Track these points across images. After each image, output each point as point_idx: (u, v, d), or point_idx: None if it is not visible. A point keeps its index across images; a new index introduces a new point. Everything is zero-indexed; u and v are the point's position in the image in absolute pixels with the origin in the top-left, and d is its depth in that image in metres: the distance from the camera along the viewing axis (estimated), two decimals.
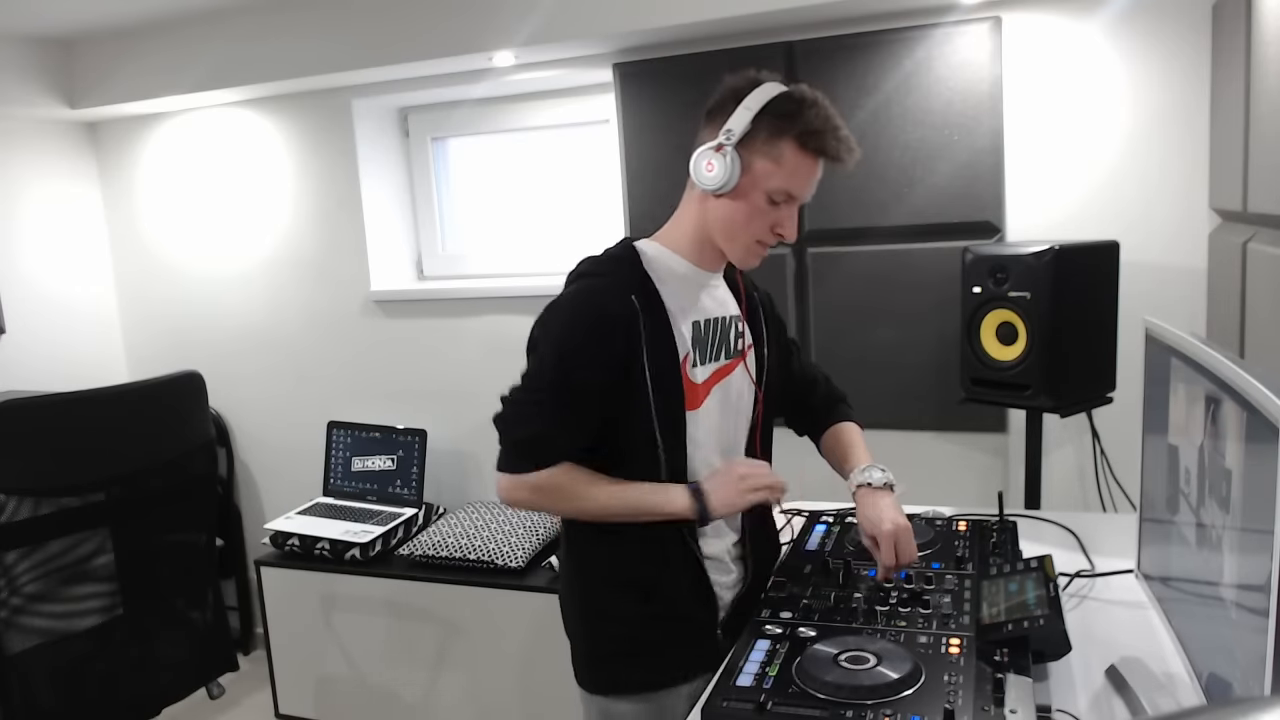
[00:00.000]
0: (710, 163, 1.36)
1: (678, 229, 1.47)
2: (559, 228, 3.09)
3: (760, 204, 1.37)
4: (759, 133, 1.35)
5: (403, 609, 2.82)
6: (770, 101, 1.35)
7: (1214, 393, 1.10)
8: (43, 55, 3.14)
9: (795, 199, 1.39)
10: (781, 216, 1.40)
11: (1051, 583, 1.31)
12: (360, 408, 3.25)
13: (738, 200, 1.38)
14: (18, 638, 1.98)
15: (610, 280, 1.40)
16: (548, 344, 1.38)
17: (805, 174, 1.38)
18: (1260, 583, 0.92)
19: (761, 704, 1.10)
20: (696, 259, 1.46)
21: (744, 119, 1.35)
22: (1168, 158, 2.22)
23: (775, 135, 1.35)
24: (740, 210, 1.38)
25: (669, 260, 1.45)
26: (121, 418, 2.12)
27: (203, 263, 3.45)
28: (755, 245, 1.43)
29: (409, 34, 2.69)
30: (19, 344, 3.31)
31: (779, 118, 1.35)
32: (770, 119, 1.35)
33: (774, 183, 1.36)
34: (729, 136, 1.35)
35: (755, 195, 1.37)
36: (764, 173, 1.36)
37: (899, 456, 2.56)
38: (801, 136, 1.34)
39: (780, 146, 1.35)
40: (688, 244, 1.45)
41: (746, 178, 1.36)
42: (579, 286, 1.42)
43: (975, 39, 2.30)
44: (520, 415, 1.39)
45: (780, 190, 1.37)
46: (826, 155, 1.37)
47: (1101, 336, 2.09)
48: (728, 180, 1.35)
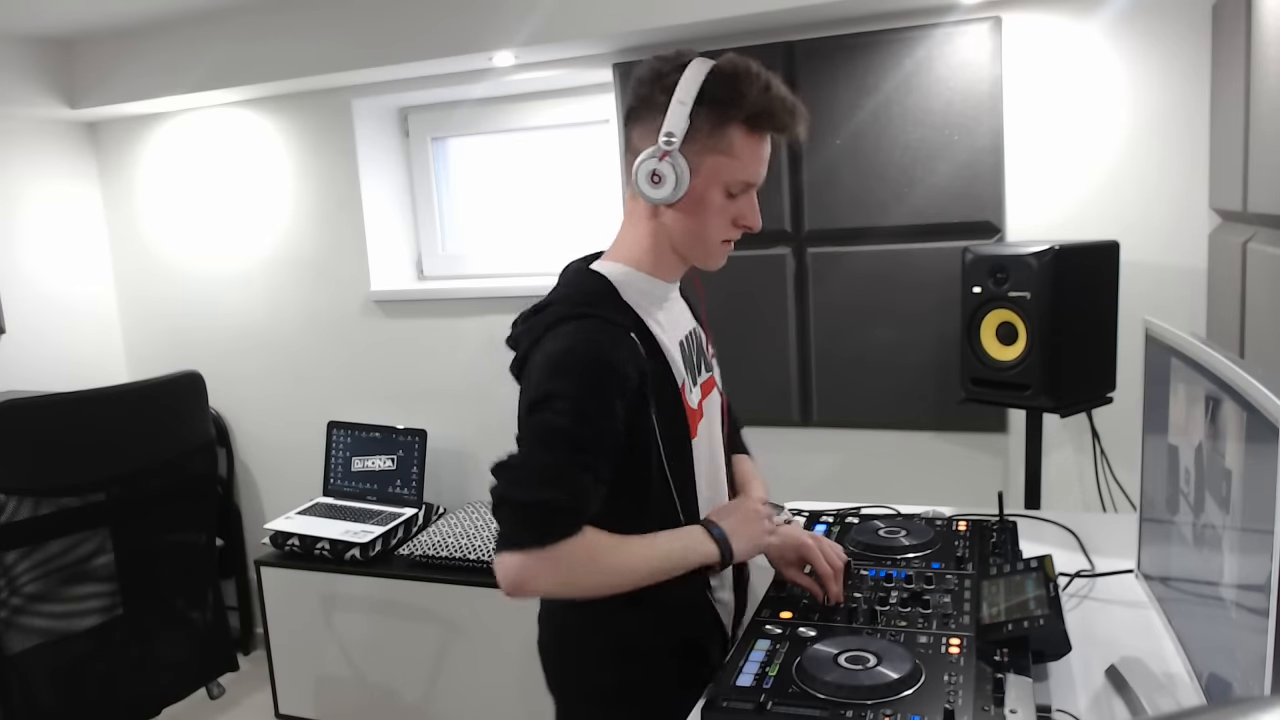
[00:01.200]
0: (656, 173, 1.21)
1: (633, 244, 1.32)
2: (559, 228, 3.09)
3: (718, 202, 1.25)
4: (701, 126, 1.21)
5: (403, 609, 2.82)
6: (704, 87, 1.20)
7: (1214, 393, 1.10)
8: (43, 55, 3.14)
9: (754, 185, 1.27)
10: (742, 207, 1.27)
11: (1051, 583, 1.31)
12: (360, 408, 3.25)
13: (694, 205, 1.25)
14: (18, 638, 1.98)
15: (604, 322, 1.24)
16: (563, 400, 1.17)
17: (759, 157, 1.25)
18: (1260, 583, 0.92)
19: (761, 704, 1.10)
20: (659, 273, 1.32)
21: (681, 115, 1.20)
22: (1168, 158, 2.22)
23: (720, 124, 1.21)
24: (699, 215, 1.26)
25: (638, 282, 1.31)
26: (121, 418, 2.12)
27: (203, 263, 3.45)
28: (721, 246, 1.30)
29: (409, 34, 2.68)
30: (19, 344, 3.31)
31: (719, 104, 1.21)
32: (709, 108, 1.21)
33: (730, 175, 1.24)
34: (670, 140, 1.20)
35: (712, 195, 1.24)
36: (716, 169, 1.23)
37: (899, 456, 2.57)
38: (750, 120, 1.22)
39: (728, 135, 1.22)
40: (648, 259, 1.31)
41: (698, 180, 1.23)
42: (578, 333, 1.22)
43: (975, 39, 2.30)
44: (538, 477, 1.17)
45: (738, 182, 1.25)
46: (780, 131, 1.24)
47: (1101, 336, 2.09)
48: (678, 189, 1.22)
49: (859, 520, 1.72)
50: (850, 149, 2.44)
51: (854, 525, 1.69)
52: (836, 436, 2.63)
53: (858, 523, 1.70)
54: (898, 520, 1.69)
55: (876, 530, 1.64)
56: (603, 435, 1.19)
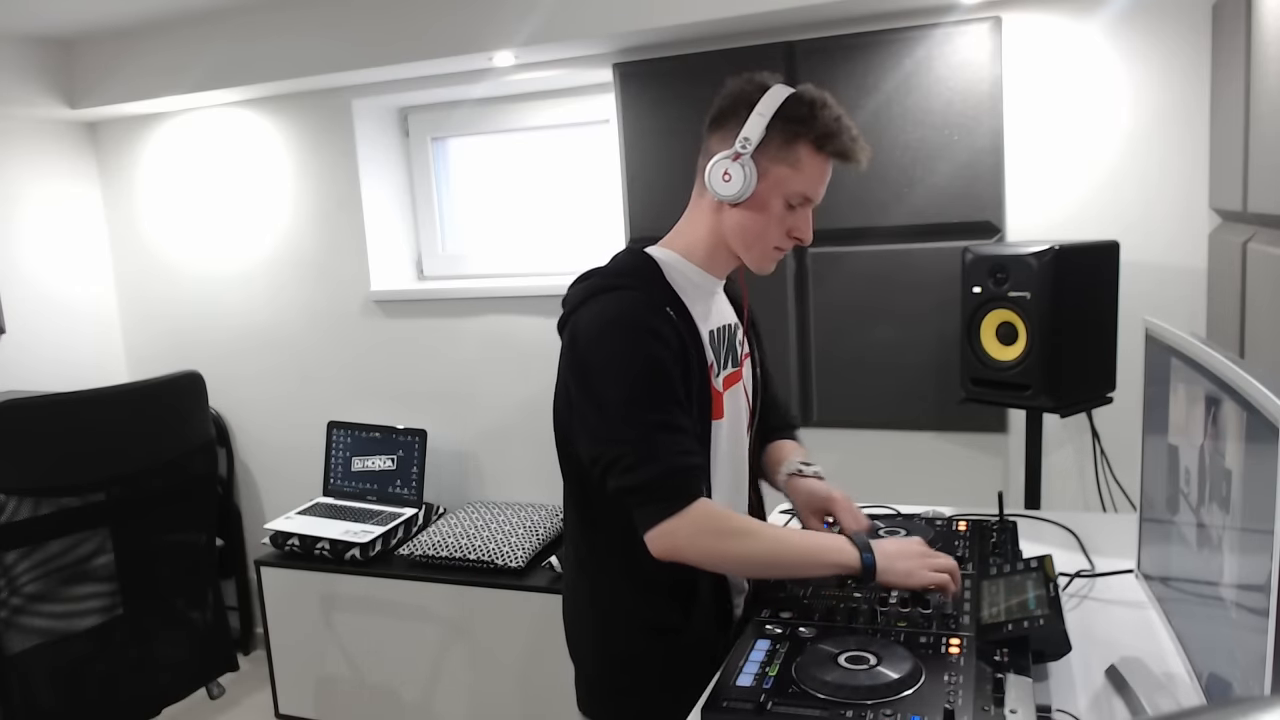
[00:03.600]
0: (728, 172, 1.34)
1: (690, 236, 1.44)
2: (559, 228, 3.09)
3: (778, 210, 1.37)
4: (774, 138, 1.34)
5: (403, 609, 2.82)
6: (782, 105, 1.34)
7: (1214, 393, 1.10)
8: (43, 55, 3.14)
9: (811, 201, 1.39)
10: (798, 220, 1.39)
11: (1051, 583, 1.31)
12: (360, 408, 3.25)
13: (755, 208, 1.36)
14: (18, 638, 1.98)
15: (644, 294, 1.36)
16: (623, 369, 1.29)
17: (821, 176, 1.38)
18: (1260, 583, 0.92)
19: (761, 704, 1.10)
20: (709, 267, 1.44)
21: (758, 125, 1.33)
22: (1168, 158, 2.22)
23: (791, 140, 1.34)
24: (758, 218, 1.37)
25: (685, 269, 1.42)
26: (122, 418, 2.12)
27: (203, 263, 3.45)
28: (773, 251, 1.41)
29: (409, 34, 2.69)
30: (19, 344, 3.31)
31: (793, 122, 1.34)
32: (784, 124, 1.33)
33: (792, 187, 1.35)
34: (745, 145, 1.33)
35: (773, 202, 1.36)
36: (781, 178, 1.35)
37: (899, 456, 2.57)
38: (818, 140, 1.34)
39: (797, 151, 1.34)
40: (701, 252, 1.43)
41: (763, 184, 1.35)
42: (617, 302, 1.34)
43: (975, 39, 2.30)
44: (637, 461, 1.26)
45: (798, 194, 1.36)
46: (843, 157, 1.36)
47: (1101, 336, 2.09)
48: (745, 189, 1.34)
49: None
50: None
51: None
52: (836, 436, 2.63)
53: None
54: (898, 520, 1.69)
55: (876, 530, 1.64)
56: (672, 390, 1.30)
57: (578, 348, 1.34)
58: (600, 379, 1.31)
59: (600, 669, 1.47)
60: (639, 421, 1.28)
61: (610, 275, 1.41)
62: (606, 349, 1.31)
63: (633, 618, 1.41)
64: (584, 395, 1.32)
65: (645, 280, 1.39)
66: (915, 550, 1.35)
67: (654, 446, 1.27)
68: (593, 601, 1.46)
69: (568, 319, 1.40)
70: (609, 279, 1.39)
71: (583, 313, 1.36)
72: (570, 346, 1.36)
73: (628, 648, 1.43)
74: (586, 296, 1.38)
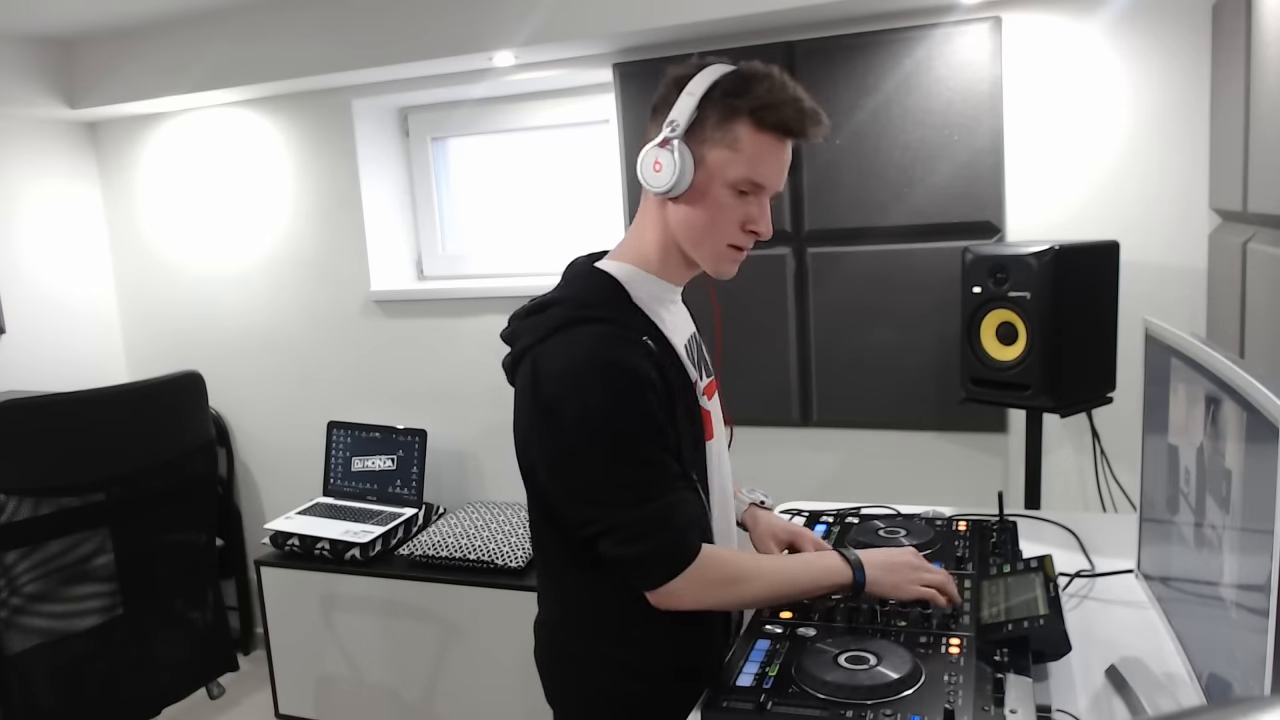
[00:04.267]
0: (657, 162, 1.21)
1: (640, 242, 1.30)
2: (559, 228, 3.09)
3: (725, 199, 1.22)
4: (708, 118, 1.20)
5: (403, 609, 2.82)
6: (716, 82, 1.20)
7: (1214, 393, 1.10)
8: (43, 55, 3.14)
9: (764, 188, 1.23)
10: (751, 211, 1.24)
11: (1051, 583, 1.31)
12: (360, 408, 3.25)
13: (698, 200, 1.22)
14: (18, 638, 1.98)
15: (617, 328, 1.21)
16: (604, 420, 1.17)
17: (769, 156, 1.21)
18: (1260, 583, 0.92)
19: (761, 704, 1.10)
20: (666, 274, 1.30)
21: (688, 106, 1.19)
22: (1168, 158, 2.22)
23: (727, 117, 1.19)
24: (703, 211, 1.23)
25: (644, 282, 1.29)
26: (121, 418, 2.12)
27: (203, 263, 3.45)
28: (728, 250, 1.26)
29: (409, 34, 2.68)
30: (19, 344, 3.31)
31: (728, 96, 1.19)
32: (719, 101, 1.19)
33: (734, 172, 1.20)
34: (673, 128, 1.19)
35: (717, 190, 1.21)
36: (721, 162, 1.20)
37: (899, 456, 2.57)
38: (756, 113, 1.19)
39: (734, 129, 1.19)
40: (655, 259, 1.29)
41: (702, 172, 1.21)
42: (588, 340, 1.20)
43: (975, 39, 2.30)
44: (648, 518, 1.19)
45: (744, 179, 1.21)
46: (788, 130, 1.21)
47: (1101, 336, 2.09)
48: (679, 178, 1.20)
49: (859, 520, 1.72)
50: (850, 149, 2.44)
51: (854, 525, 1.69)
52: (836, 436, 2.63)
53: (858, 523, 1.70)
54: (898, 520, 1.69)
55: (876, 530, 1.64)
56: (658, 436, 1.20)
57: (543, 393, 1.19)
58: (580, 434, 1.18)
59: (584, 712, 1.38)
60: (632, 484, 1.19)
61: (575, 305, 1.24)
62: (584, 398, 1.17)
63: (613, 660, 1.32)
64: (563, 451, 1.20)
65: (615, 308, 1.24)
66: (905, 562, 1.33)
67: (652, 513, 1.19)
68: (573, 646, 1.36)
69: (524, 355, 1.24)
70: (574, 310, 1.23)
71: (546, 351, 1.21)
72: (533, 390, 1.21)
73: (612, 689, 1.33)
74: (550, 330, 1.22)
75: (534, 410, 1.22)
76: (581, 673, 1.35)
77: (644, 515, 1.19)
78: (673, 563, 1.20)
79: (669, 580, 1.20)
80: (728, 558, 1.27)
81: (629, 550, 1.20)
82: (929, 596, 1.29)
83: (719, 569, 1.24)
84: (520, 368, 1.26)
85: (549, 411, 1.20)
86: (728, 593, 1.26)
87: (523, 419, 1.26)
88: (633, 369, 1.18)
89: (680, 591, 1.21)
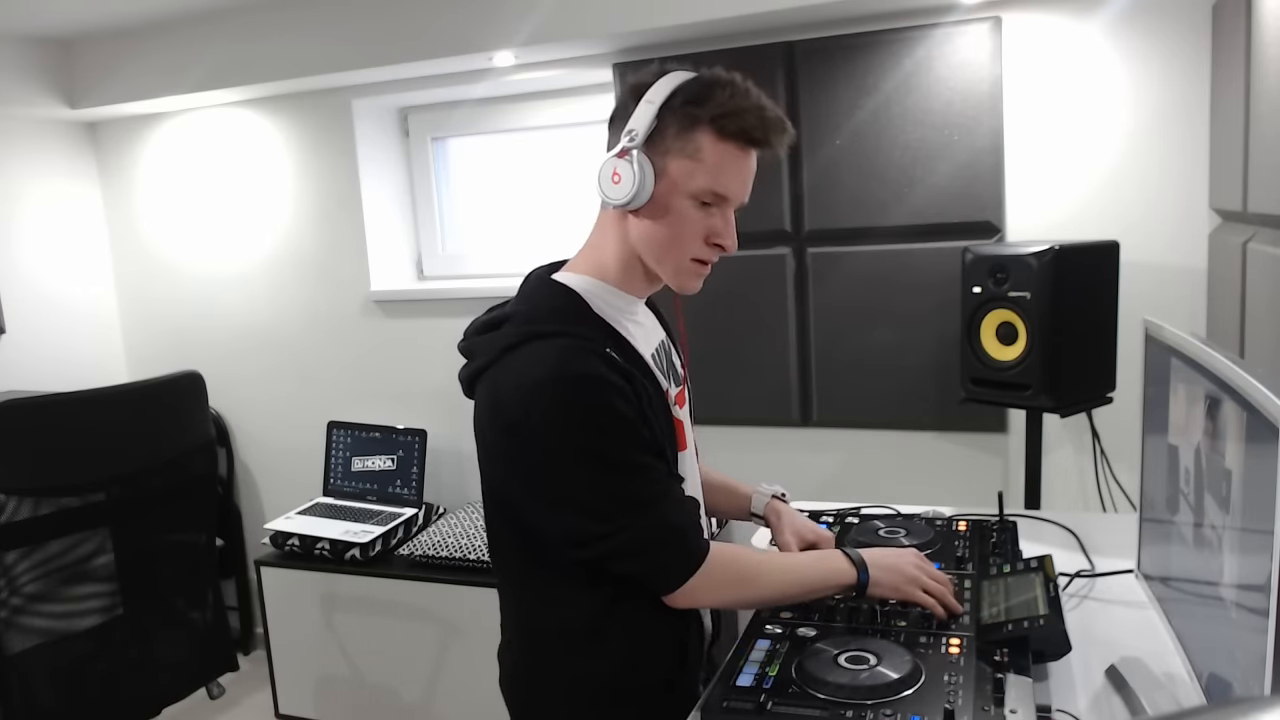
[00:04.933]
0: (615, 172, 1.16)
1: (599, 255, 1.26)
2: (559, 228, 3.09)
3: (687, 211, 1.18)
4: (668, 127, 1.16)
5: (403, 609, 2.82)
6: (676, 89, 1.16)
7: (1214, 393, 1.10)
8: (43, 55, 3.14)
9: (727, 199, 1.19)
10: (715, 224, 1.19)
11: (1051, 583, 1.31)
12: (360, 408, 3.25)
13: (659, 213, 1.18)
14: (18, 638, 1.98)
15: (575, 339, 1.17)
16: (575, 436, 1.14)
17: (732, 166, 1.17)
18: (1260, 583, 0.92)
19: (761, 704, 1.10)
20: (627, 286, 1.26)
21: (647, 114, 1.15)
22: (1168, 158, 2.22)
23: (687, 126, 1.15)
24: (665, 224, 1.18)
25: (605, 294, 1.24)
26: (121, 418, 2.12)
27: (203, 263, 3.45)
28: (692, 264, 1.22)
29: (409, 34, 2.68)
30: (19, 344, 3.31)
31: (688, 104, 1.15)
32: (679, 109, 1.15)
33: (696, 182, 1.16)
34: (632, 137, 1.15)
35: (678, 202, 1.17)
36: (682, 173, 1.16)
37: (899, 456, 2.57)
38: (717, 121, 1.14)
39: (695, 138, 1.15)
40: (615, 272, 1.25)
41: (663, 183, 1.17)
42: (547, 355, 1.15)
43: (975, 39, 2.30)
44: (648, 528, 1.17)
45: (706, 190, 1.17)
46: (750, 139, 1.17)
47: (1101, 336, 2.09)
48: (638, 189, 1.15)
49: (859, 520, 1.72)
50: (850, 149, 2.44)
51: (854, 525, 1.69)
52: (836, 436, 2.63)
53: (858, 523, 1.70)
54: (898, 520, 1.69)
55: (876, 530, 1.64)
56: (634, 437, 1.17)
57: (507, 411, 1.16)
58: (557, 450, 1.14)
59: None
60: (623, 495, 1.16)
61: (530, 321, 1.20)
62: (553, 414, 1.13)
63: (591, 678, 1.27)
64: (539, 468, 1.16)
65: (573, 320, 1.20)
66: (908, 564, 1.33)
67: (652, 522, 1.17)
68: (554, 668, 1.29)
69: (480, 374, 1.23)
70: (530, 326, 1.19)
71: (503, 370, 1.18)
72: (493, 409, 1.18)
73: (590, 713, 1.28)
74: (505, 347, 1.19)
75: (498, 429, 1.19)
76: (555, 698, 1.29)
77: (645, 525, 1.17)
78: (686, 566, 1.20)
79: (686, 580, 1.20)
80: (738, 555, 1.27)
81: (638, 563, 1.18)
82: (927, 605, 1.30)
83: (732, 568, 1.25)
84: (479, 385, 1.24)
85: (513, 429, 1.16)
86: (740, 591, 1.26)
87: (486, 438, 1.23)
88: (598, 377, 1.14)
89: (695, 590, 1.21)
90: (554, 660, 1.29)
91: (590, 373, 1.14)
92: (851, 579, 1.29)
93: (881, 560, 1.32)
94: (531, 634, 1.31)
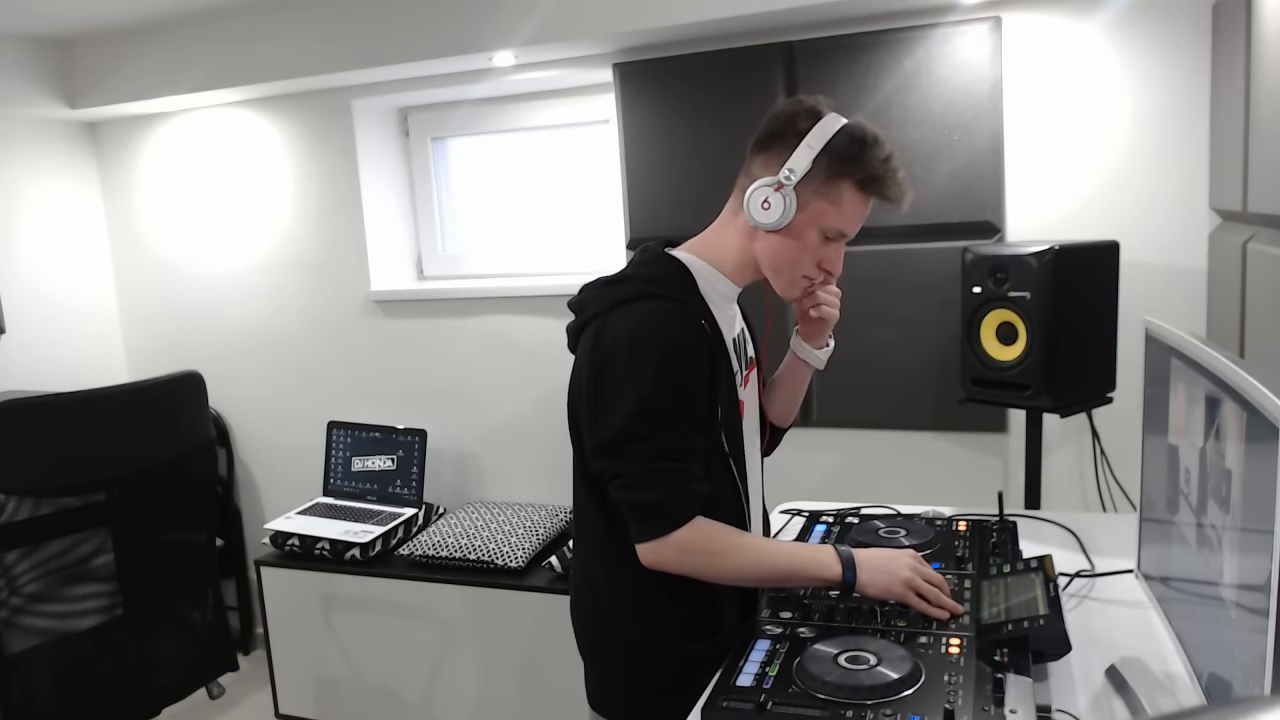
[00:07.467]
0: (768, 200, 1.32)
1: (720, 249, 1.42)
2: (559, 228, 3.09)
3: (813, 241, 1.35)
4: (818, 172, 1.32)
5: (403, 609, 2.82)
6: (832, 139, 1.32)
7: (1214, 393, 1.10)
8: (43, 55, 3.14)
9: (847, 237, 1.38)
10: (830, 254, 1.38)
11: (1051, 583, 1.31)
12: (360, 408, 3.25)
13: (790, 237, 1.35)
14: (18, 638, 1.98)
15: (680, 305, 1.33)
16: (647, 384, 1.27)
17: (860, 214, 1.37)
18: (1260, 583, 0.92)
19: (761, 704, 1.10)
20: (737, 280, 1.43)
21: (805, 158, 1.31)
22: (1168, 158, 2.22)
23: (836, 176, 1.32)
24: (791, 247, 1.36)
25: (714, 279, 1.41)
26: (121, 418, 2.12)
27: (202, 263, 3.45)
28: (802, 279, 1.40)
29: (409, 34, 2.69)
30: (19, 344, 3.31)
31: (840, 159, 1.32)
32: (831, 159, 1.32)
33: (830, 222, 1.34)
34: (790, 177, 1.31)
35: (809, 234, 1.35)
36: (820, 213, 1.33)
37: (899, 456, 2.57)
38: (864, 181, 1.33)
39: (840, 188, 1.33)
40: (731, 266, 1.41)
41: (801, 216, 1.33)
42: (653, 314, 1.32)
43: (975, 39, 2.30)
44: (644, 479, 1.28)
45: (834, 229, 1.35)
46: (886, 199, 1.36)
47: (1101, 336, 2.09)
48: (783, 219, 1.32)
49: (859, 520, 1.72)
50: None
51: (854, 525, 1.69)
52: (836, 436, 2.63)
53: (858, 523, 1.70)
54: (898, 520, 1.69)
55: (876, 530, 1.64)
56: (691, 412, 1.30)
57: (602, 351, 1.31)
58: (621, 390, 1.29)
59: (623, 667, 1.44)
60: (653, 441, 1.28)
61: (646, 282, 1.37)
62: (635, 361, 1.28)
63: (658, 618, 1.39)
64: (600, 401, 1.31)
65: (682, 290, 1.36)
66: (902, 566, 1.33)
67: (657, 471, 1.28)
68: (617, 599, 1.42)
69: (590, 321, 1.37)
70: (645, 286, 1.36)
71: (614, 317, 1.33)
72: (594, 348, 1.33)
73: (653, 647, 1.40)
74: (619, 301, 1.35)
75: (588, 371, 1.33)
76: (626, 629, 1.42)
77: (655, 470, 1.28)
78: (667, 520, 1.29)
79: (657, 537, 1.29)
80: (716, 531, 1.33)
81: (632, 495, 1.29)
82: (919, 608, 1.30)
83: (705, 540, 1.31)
84: (585, 333, 1.37)
85: (599, 373, 1.31)
86: (708, 563, 1.32)
87: (578, 380, 1.37)
88: (686, 343, 1.30)
89: (663, 553, 1.29)
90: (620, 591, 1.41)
91: (679, 336, 1.30)
92: (835, 575, 1.31)
93: (873, 561, 1.33)
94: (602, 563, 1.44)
